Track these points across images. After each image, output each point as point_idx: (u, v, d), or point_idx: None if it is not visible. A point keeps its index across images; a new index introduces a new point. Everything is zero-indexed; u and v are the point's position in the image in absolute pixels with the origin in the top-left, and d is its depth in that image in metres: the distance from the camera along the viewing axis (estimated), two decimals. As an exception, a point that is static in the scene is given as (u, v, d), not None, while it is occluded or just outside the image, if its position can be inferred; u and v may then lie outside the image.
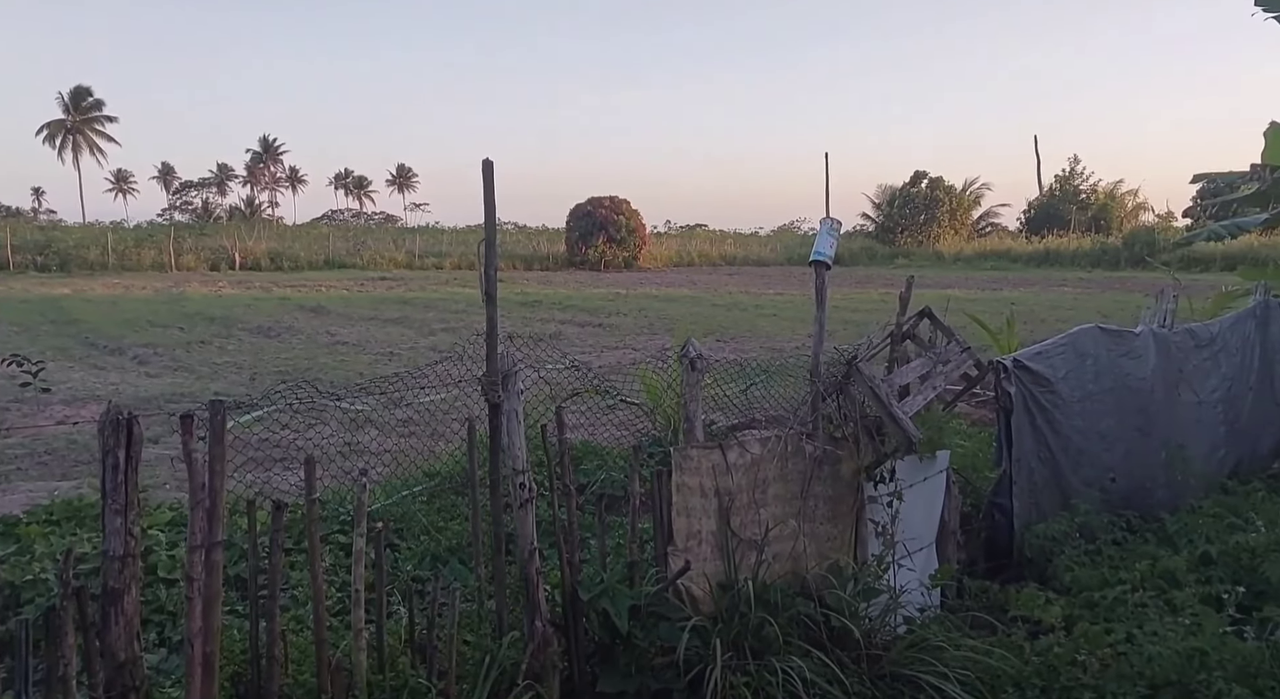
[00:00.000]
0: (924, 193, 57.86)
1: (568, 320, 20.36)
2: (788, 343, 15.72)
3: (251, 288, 30.56)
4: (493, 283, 3.57)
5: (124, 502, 2.53)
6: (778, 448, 4.20)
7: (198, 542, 2.70)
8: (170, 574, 4.43)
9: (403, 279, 37.24)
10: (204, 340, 16.06)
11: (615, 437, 8.05)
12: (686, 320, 19.11)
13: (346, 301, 25.37)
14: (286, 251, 45.66)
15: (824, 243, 4.26)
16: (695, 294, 29.59)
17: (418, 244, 51.42)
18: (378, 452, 7.54)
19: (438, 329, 18.42)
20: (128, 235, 48.58)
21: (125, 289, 29.01)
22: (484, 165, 3.40)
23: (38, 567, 4.42)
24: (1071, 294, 28.43)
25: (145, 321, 18.92)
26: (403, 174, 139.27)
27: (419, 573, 4.80)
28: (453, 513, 5.92)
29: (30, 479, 7.04)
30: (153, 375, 12.31)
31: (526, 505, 3.64)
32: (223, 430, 2.75)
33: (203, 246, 44.64)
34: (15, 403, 9.87)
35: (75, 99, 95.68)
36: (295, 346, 15.57)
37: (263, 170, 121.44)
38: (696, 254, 55.62)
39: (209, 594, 2.70)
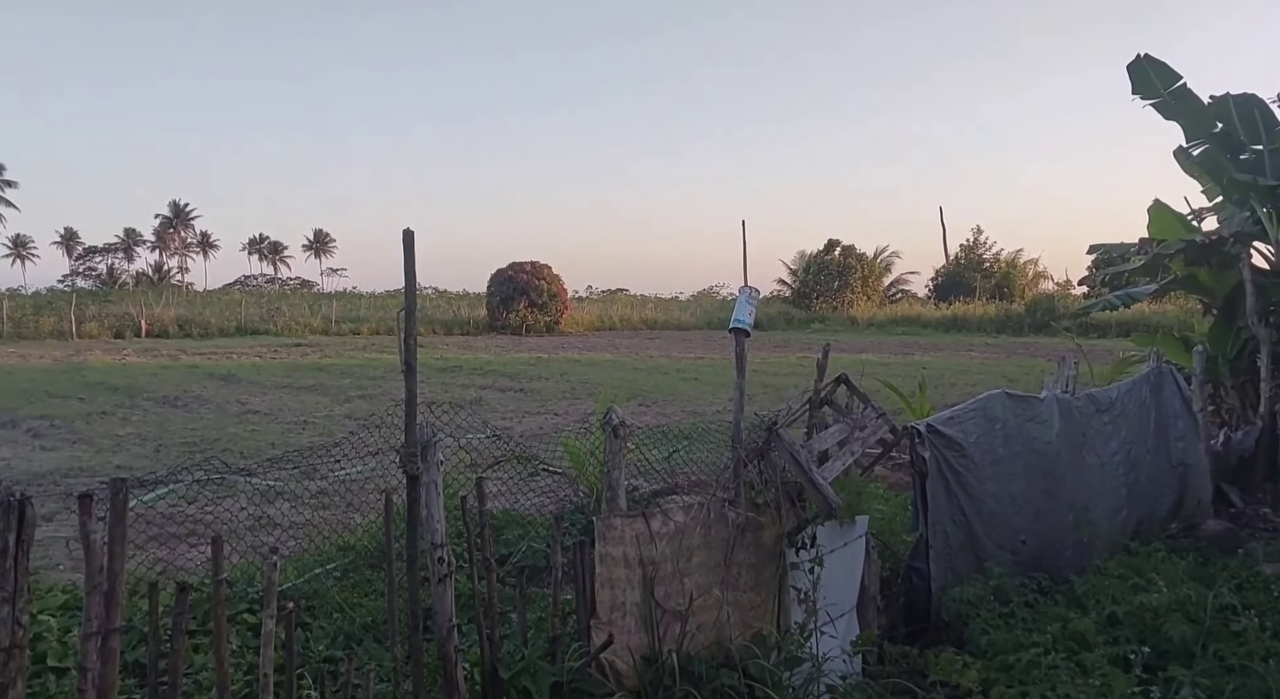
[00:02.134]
0: (838, 260, 59.73)
1: (489, 386, 20.17)
2: (709, 407, 15.86)
3: (158, 356, 29.49)
4: (412, 353, 3.53)
5: (13, 589, 2.38)
6: (701, 515, 4.21)
7: (94, 628, 2.55)
8: (62, 662, 4.16)
9: (319, 345, 36.46)
10: (106, 411, 15.38)
11: (538, 504, 7.95)
12: (608, 385, 19.12)
13: (259, 369, 24.68)
14: (196, 318, 44.32)
15: (743, 310, 4.35)
16: (617, 358, 29.69)
17: (334, 310, 50.54)
18: (290, 525, 7.28)
19: (354, 396, 18.04)
20: (25, 302, 46.64)
21: (21, 358, 27.68)
22: (404, 235, 3.39)
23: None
24: (979, 359, 29.45)
25: (42, 392, 18.05)
26: (320, 239, 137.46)
27: (331, 653, 4.61)
28: (367, 588, 5.73)
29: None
30: (49, 449, 11.71)
31: (445, 580, 3.56)
32: (124, 510, 2.62)
33: (107, 314, 43.01)
34: (-106, 480, 9.26)
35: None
36: (204, 416, 15.03)
37: (172, 235, 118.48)
38: (618, 318, 55.97)
39: (104, 685, 2.55)
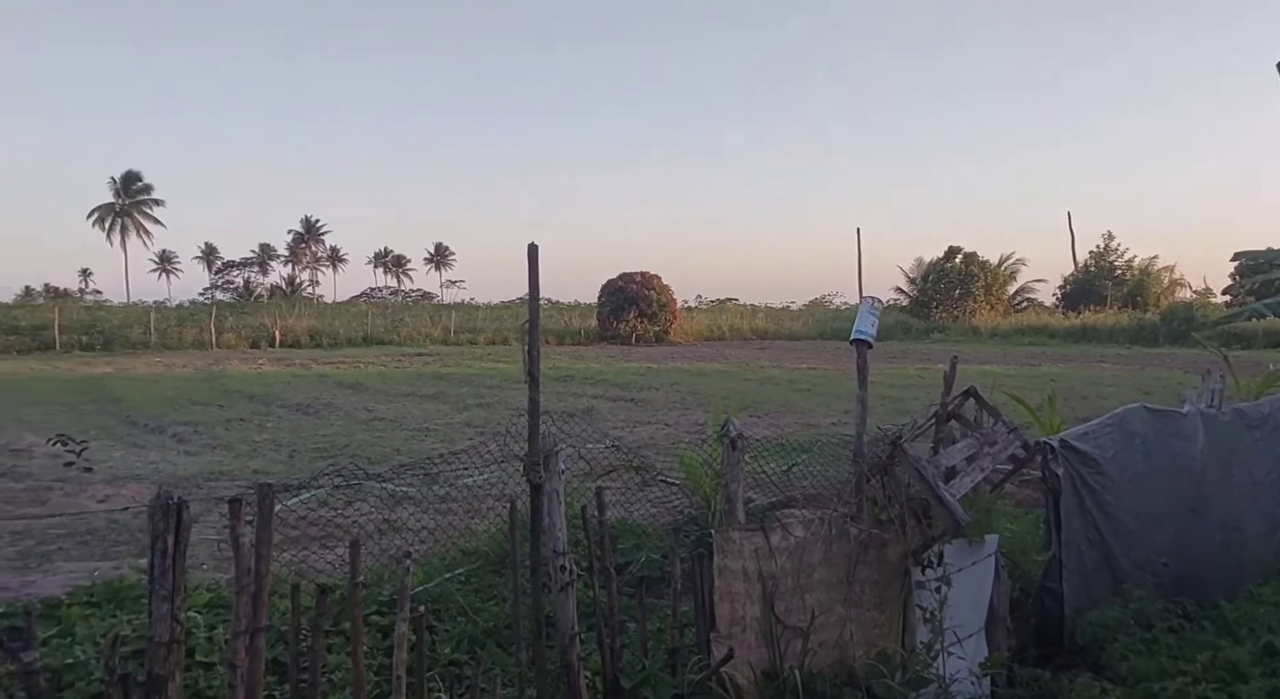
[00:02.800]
0: (959, 267, 57.85)
1: (600, 395, 20.38)
2: (823, 418, 15.60)
3: (291, 365, 31.02)
4: (535, 364, 3.59)
5: (171, 587, 2.53)
6: (822, 531, 4.13)
7: (242, 627, 2.68)
8: (208, 658, 4.40)
9: (439, 355, 37.65)
10: (243, 418, 16.25)
11: (650, 514, 7.98)
12: (719, 395, 19.03)
13: (384, 378, 25.64)
14: (326, 329, 46.44)
15: (865, 321, 4.26)
16: (727, 368, 29.57)
17: (453, 320, 52.11)
18: (415, 530, 7.51)
19: (472, 404, 18.52)
20: (170, 314, 49.77)
21: (167, 367, 29.56)
22: (529, 249, 3.46)
23: (79, 650, 4.41)
24: (1111, 370, 28.03)
25: (186, 400, 19.21)
26: (440, 252, 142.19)
27: (456, 656, 4.73)
28: (490, 593, 5.85)
29: (71, 559, 7.08)
30: (192, 454, 12.44)
31: (567, 588, 3.60)
32: (270, 514, 2.76)
33: (243, 325, 45.56)
34: (59, 482, 10.00)
35: (126, 183, 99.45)
36: (333, 423, 15.70)
37: (304, 250, 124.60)
38: (727, 328, 55.79)
39: (252, 681, 2.68)
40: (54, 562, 6.99)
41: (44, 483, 10.01)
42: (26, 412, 17.02)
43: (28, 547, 7.38)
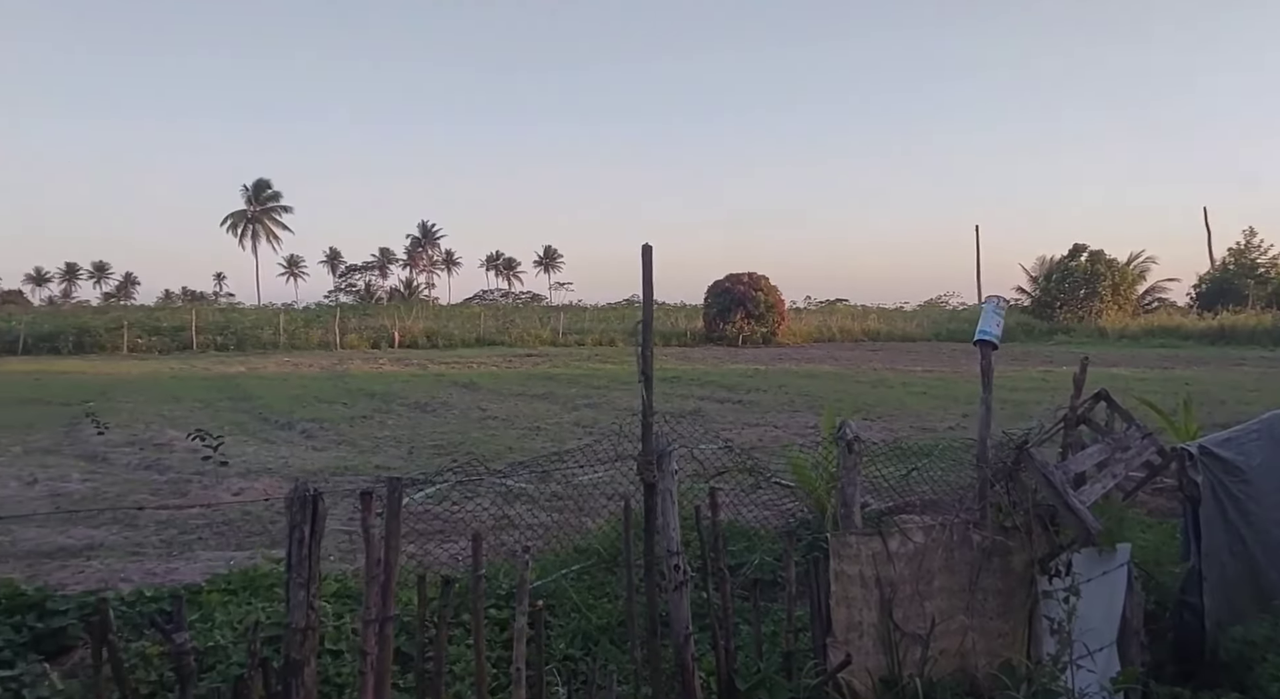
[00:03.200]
0: (1084, 266, 55.26)
1: (707, 397, 20.33)
2: (940, 422, 15.16)
3: (409, 365, 32.10)
4: (649, 364, 3.61)
5: (307, 575, 2.65)
6: (943, 537, 4.02)
7: (372, 616, 2.79)
8: (336, 645, 4.58)
9: (548, 355, 38.31)
10: (365, 415, 16.89)
11: (760, 517, 7.91)
12: (830, 398, 18.74)
13: (496, 378, 26.24)
14: (441, 330, 47.88)
15: (990, 322, 4.12)
16: (838, 370, 29.08)
17: (562, 322, 52.96)
18: (529, 525, 7.65)
19: (581, 405, 18.75)
20: (298, 316, 52.19)
21: (294, 367, 31.01)
22: (643, 250, 3.48)
23: (218, 634, 4.66)
24: (1253, 373, 26.30)
25: (312, 398, 20.09)
26: (549, 254, 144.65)
27: (570, 651, 4.79)
28: (602, 591, 5.91)
29: (209, 548, 7.50)
30: (319, 449, 13.00)
31: (681, 588, 3.60)
32: (399, 507, 2.86)
33: (365, 326, 47.41)
34: (197, 475, 10.61)
35: (256, 190, 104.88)
36: (449, 421, 16.15)
37: (421, 254, 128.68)
38: (837, 329, 54.86)
39: (381, 669, 2.78)
40: (194, 550, 7.41)
41: (184, 475, 10.65)
42: (168, 408, 18.13)
43: (171, 535, 7.85)
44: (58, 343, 38.86)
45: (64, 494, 9.59)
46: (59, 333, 39.91)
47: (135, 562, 7.02)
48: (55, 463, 11.61)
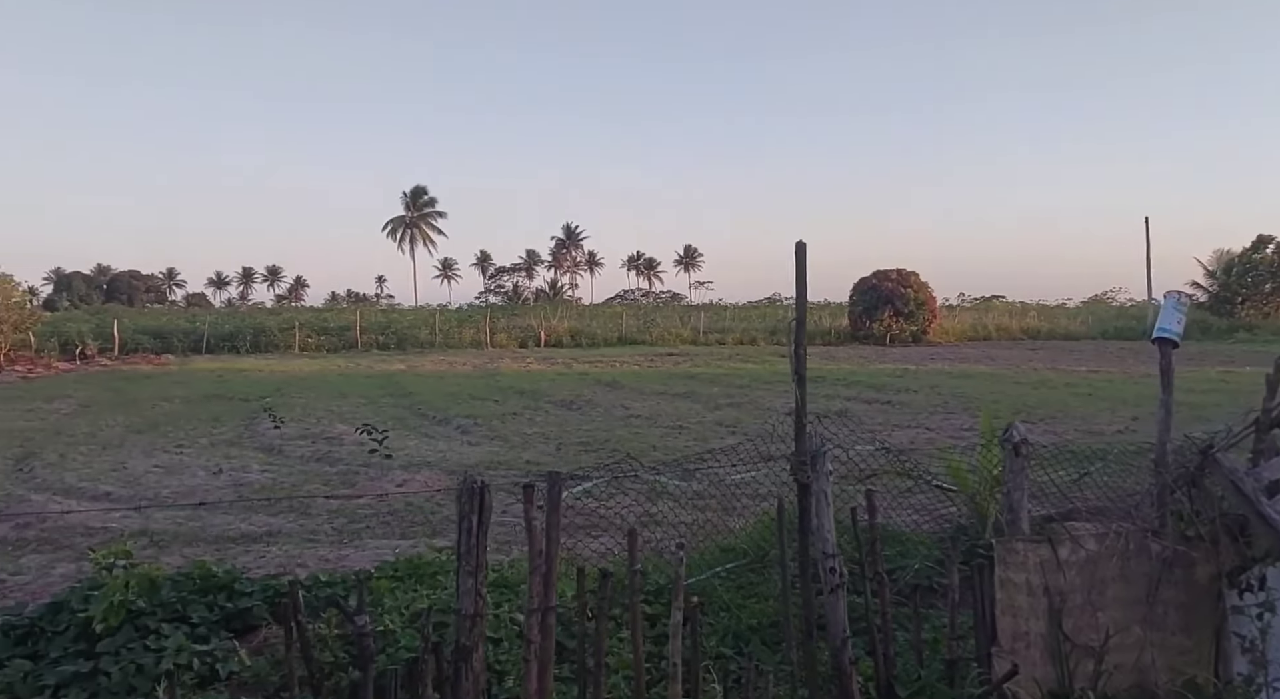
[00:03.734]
0: (1270, 259, 50.86)
1: (854, 397, 19.89)
2: (1107, 425, 14.31)
3: (555, 364, 32.92)
4: (802, 363, 3.57)
5: (475, 564, 2.76)
6: (1117, 545, 3.79)
7: (535, 605, 2.88)
8: (495, 633, 4.74)
9: (689, 354, 38.44)
10: (515, 412, 17.43)
11: (913, 521, 7.67)
12: (986, 399, 17.99)
13: (638, 376, 26.54)
14: (585, 329, 48.87)
15: (1170, 319, 3.86)
16: (994, 370, 27.86)
17: (702, 321, 53.02)
18: (673, 523, 7.70)
19: (723, 404, 18.71)
20: (451, 316, 54.41)
21: (449, 365, 32.34)
22: (796, 247, 3.45)
23: (388, 619, 4.91)
24: None
25: (466, 395, 20.89)
26: (689, 254, 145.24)
27: (721, 650, 4.80)
28: (750, 591, 5.88)
29: (376, 536, 7.92)
30: (473, 444, 13.50)
31: (837, 591, 3.54)
32: (559, 501, 2.94)
33: (513, 326, 48.95)
34: (364, 467, 11.22)
35: (414, 197, 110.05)
36: (594, 419, 16.46)
37: (565, 255, 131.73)
38: (994, 328, 52.56)
39: (544, 657, 2.87)
40: (363, 538, 7.84)
41: (353, 467, 11.28)
42: (336, 403, 19.26)
43: (342, 524, 8.34)
44: (237, 342, 41.99)
45: (245, 484, 10.34)
46: (238, 333, 43.10)
47: (310, 548, 7.49)
48: (238, 454, 12.54)
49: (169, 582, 5.25)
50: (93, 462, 11.88)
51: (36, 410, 18.23)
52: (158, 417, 17.11)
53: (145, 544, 7.44)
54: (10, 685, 4.35)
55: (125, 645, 4.63)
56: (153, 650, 4.63)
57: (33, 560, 7.08)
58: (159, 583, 5.16)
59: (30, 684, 4.36)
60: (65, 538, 7.72)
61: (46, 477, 10.74)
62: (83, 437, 14.36)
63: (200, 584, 5.38)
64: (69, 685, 4.37)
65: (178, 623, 4.93)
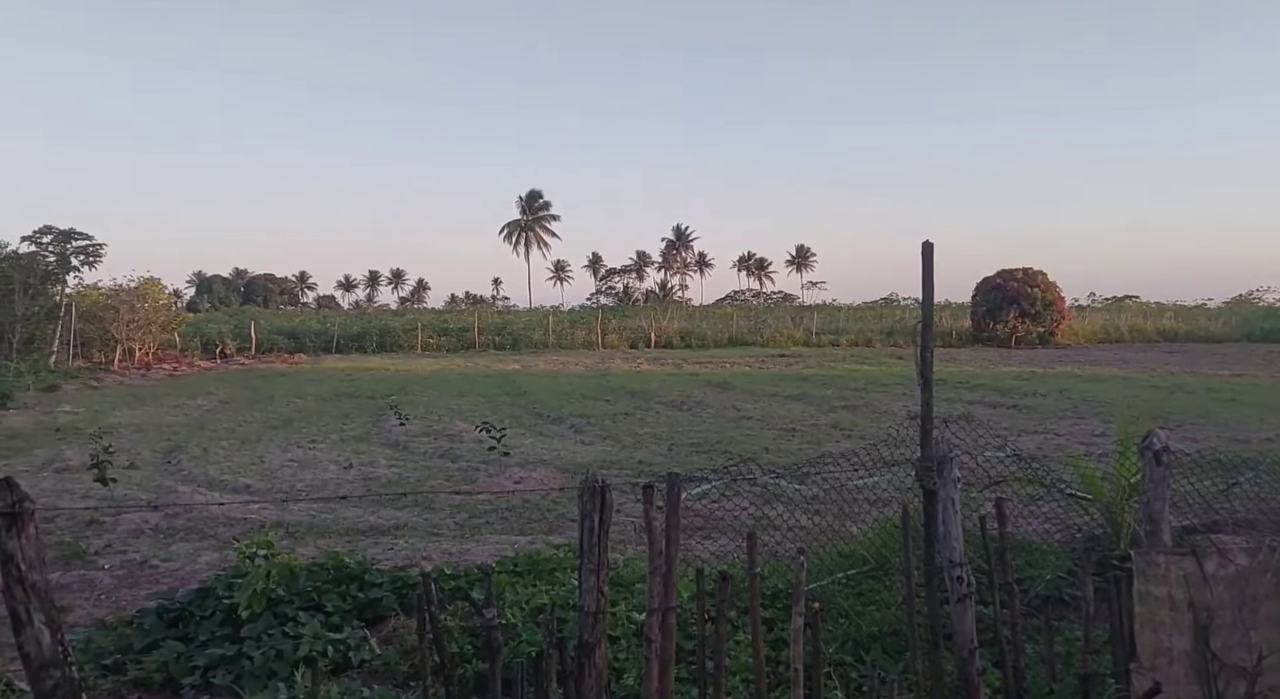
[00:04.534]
0: None
1: (976, 401, 19.25)
2: (1255, 433, 13.41)
3: (665, 364, 33.04)
4: (928, 366, 3.48)
5: (597, 562, 2.80)
6: (1271, 560, 3.55)
7: (655, 605, 2.90)
8: (613, 631, 4.80)
9: (801, 356, 37.96)
10: (627, 412, 17.58)
11: (1041, 530, 7.38)
12: (1120, 404, 17.13)
13: (749, 378, 26.37)
14: (695, 330, 48.89)
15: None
16: (1127, 374, 26.50)
17: (815, 322, 52.26)
18: (789, 527, 7.63)
19: (837, 407, 18.40)
20: (564, 318, 55.32)
21: (562, 365, 32.89)
22: (923, 247, 3.37)
23: (509, 613, 5.04)
24: None
25: (579, 395, 21.21)
26: (801, 254, 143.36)
27: (841, 657, 4.73)
28: (870, 598, 5.77)
29: (496, 532, 8.12)
30: (586, 443, 13.70)
31: (965, 601, 3.44)
32: (678, 501, 2.95)
33: (624, 327, 49.40)
34: (483, 464, 11.53)
35: (529, 201, 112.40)
36: (705, 420, 16.45)
37: (675, 256, 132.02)
38: (1127, 329, 49.99)
39: (665, 656, 2.88)
40: (483, 533, 8.06)
41: (473, 464, 11.62)
42: (455, 402, 19.86)
43: (463, 519, 8.59)
44: (364, 342, 43.81)
45: (374, 478, 10.78)
46: (365, 333, 44.95)
47: (434, 542, 7.75)
48: (366, 450, 13.08)
49: (305, 572, 5.53)
50: (233, 456, 12.60)
51: (182, 406, 19.45)
52: (292, 413, 18.00)
53: (281, 535, 7.83)
54: (165, 665, 4.66)
55: (266, 631, 4.89)
56: (291, 637, 4.88)
57: (181, 548, 7.57)
58: (297, 573, 5.43)
59: (182, 665, 4.66)
60: (210, 527, 8.21)
61: (191, 469, 11.45)
62: (224, 432, 15.24)
63: (334, 575, 5.63)
64: (216, 667, 4.65)
65: (313, 611, 5.19)
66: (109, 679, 4.58)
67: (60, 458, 11.69)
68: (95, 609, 5.81)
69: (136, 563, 7.09)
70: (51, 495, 9.66)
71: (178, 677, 4.60)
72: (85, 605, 5.91)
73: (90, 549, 7.38)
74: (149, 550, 7.47)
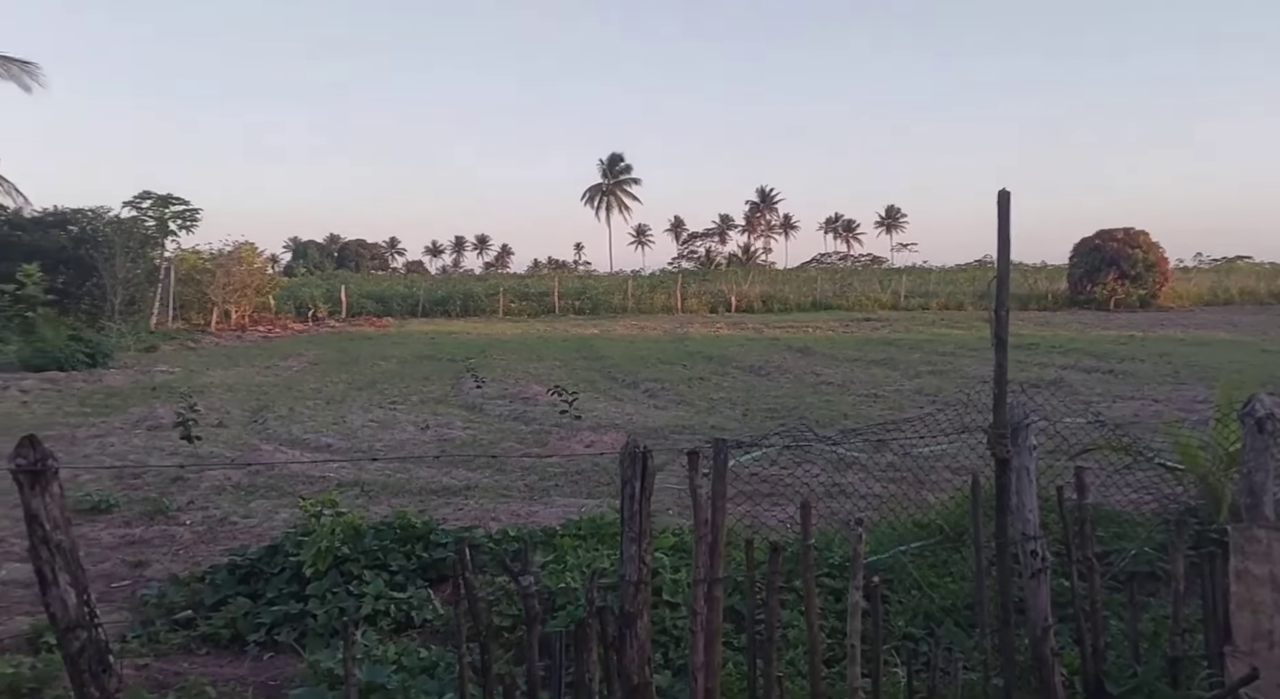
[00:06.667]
0: None
1: (1070, 365, 18.47)
2: (1375, 400, 12.50)
3: (744, 329, 32.68)
4: (1004, 326, 3.23)
5: (638, 530, 2.68)
6: (1390, 540, 3.22)
7: (701, 576, 2.77)
8: (673, 598, 4.70)
9: (888, 320, 37.08)
10: (703, 377, 17.41)
11: (1131, 500, 6.98)
12: (1226, 369, 16.19)
13: (832, 342, 25.87)
14: (777, 294, 48.19)
15: None
16: (1236, 338, 25.10)
17: (904, 284, 50.92)
18: (863, 495, 7.40)
19: (924, 371, 17.88)
20: (644, 282, 55.19)
21: (640, 330, 32.83)
22: (999, 196, 3.10)
23: (569, 577, 4.98)
24: None
25: (655, 359, 21.11)
26: (891, 215, 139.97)
27: (910, 630, 4.54)
28: (945, 569, 5.53)
29: (564, 495, 8.11)
30: (660, 408, 13.60)
31: (1039, 576, 3.22)
32: (725, 468, 2.80)
33: (704, 291, 49.02)
34: (556, 427, 11.54)
35: (611, 164, 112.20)
36: (783, 385, 16.18)
37: (759, 219, 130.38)
38: (1236, 291, 47.41)
39: (710, 628, 2.76)
40: (551, 496, 8.05)
41: (545, 427, 11.65)
42: (533, 365, 20.01)
43: (533, 481, 8.60)
44: (448, 306, 44.56)
45: (449, 439, 10.90)
46: (449, 297, 45.68)
47: (503, 503, 7.77)
48: (443, 412, 13.25)
49: (372, 530, 5.57)
50: (317, 415, 12.92)
51: (273, 368, 20.07)
52: (376, 375, 18.40)
53: (357, 494, 7.96)
54: (233, 621, 4.75)
55: (331, 590, 4.94)
56: (355, 595, 4.92)
57: (260, 505, 7.75)
58: (362, 531, 5.48)
59: (249, 622, 4.74)
60: (289, 485, 8.40)
61: (276, 428, 11.77)
62: (310, 392, 15.65)
63: (400, 534, 5.66)
64: (281, 625, 4.71)
65: (378, 570, 5.22)
66: (179, 634, 4.69)
67: (153, 416, 12.14)
68: (173, 564, 5.98)
69: (216, 519, 7.29)
70: (141, 452, 10.04)
71: (244, 633, 4.68)
72: (163, 560, 6.08)
73: (173, 505, 7.61)
74: (229, 507, 7.68)
